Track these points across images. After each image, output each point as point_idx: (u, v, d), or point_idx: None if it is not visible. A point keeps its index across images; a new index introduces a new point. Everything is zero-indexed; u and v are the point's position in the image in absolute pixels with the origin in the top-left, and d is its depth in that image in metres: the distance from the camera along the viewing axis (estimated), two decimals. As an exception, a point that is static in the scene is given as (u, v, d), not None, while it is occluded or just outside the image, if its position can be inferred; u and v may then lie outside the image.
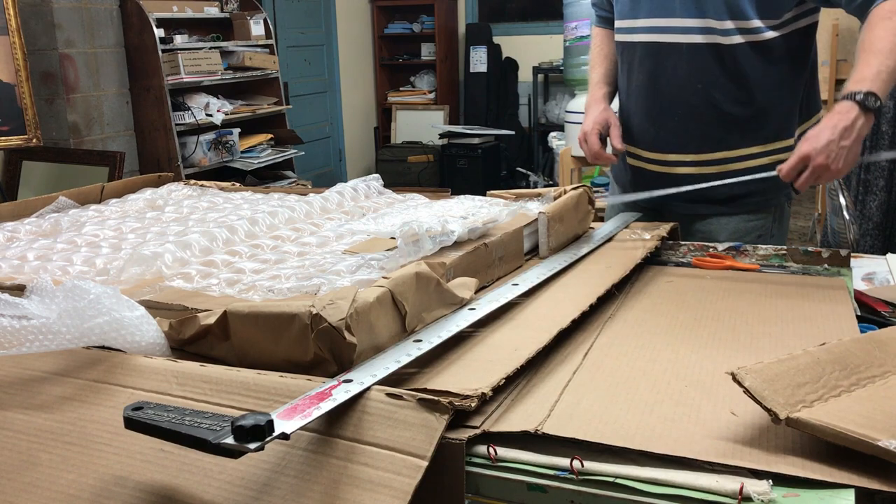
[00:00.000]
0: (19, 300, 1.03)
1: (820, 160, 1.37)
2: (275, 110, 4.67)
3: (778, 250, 1.45)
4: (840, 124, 1.38)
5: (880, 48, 1.41)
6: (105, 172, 3.44)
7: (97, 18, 3.73)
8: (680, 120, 1.73)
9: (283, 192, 1.87)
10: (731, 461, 0.77)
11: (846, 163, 1.38)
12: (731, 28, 1.62)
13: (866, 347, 0.91)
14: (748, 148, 1.71)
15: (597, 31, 1.97)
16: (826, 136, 1.38)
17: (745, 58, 1.64)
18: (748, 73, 1.66)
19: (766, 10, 1.60)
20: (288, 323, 0.91)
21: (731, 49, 1.64)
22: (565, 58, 4.61)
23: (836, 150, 1.38)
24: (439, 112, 6.70)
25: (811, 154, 1.38)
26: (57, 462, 0.87)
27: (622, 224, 1.62)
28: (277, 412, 0.78)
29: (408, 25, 6.82)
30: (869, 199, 3.59)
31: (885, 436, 0.74)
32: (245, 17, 4.52)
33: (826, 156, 1.37)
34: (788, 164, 1.42)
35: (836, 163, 1.38)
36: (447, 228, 1.27)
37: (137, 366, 0.96)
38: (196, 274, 1.24)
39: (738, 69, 1.66)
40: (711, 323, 1.16)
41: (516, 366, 0.93)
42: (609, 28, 1.89)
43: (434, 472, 0.78)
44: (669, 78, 1.71)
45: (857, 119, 1.38)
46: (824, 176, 1.40)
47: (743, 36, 1.62)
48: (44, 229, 1.61)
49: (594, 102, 1.86)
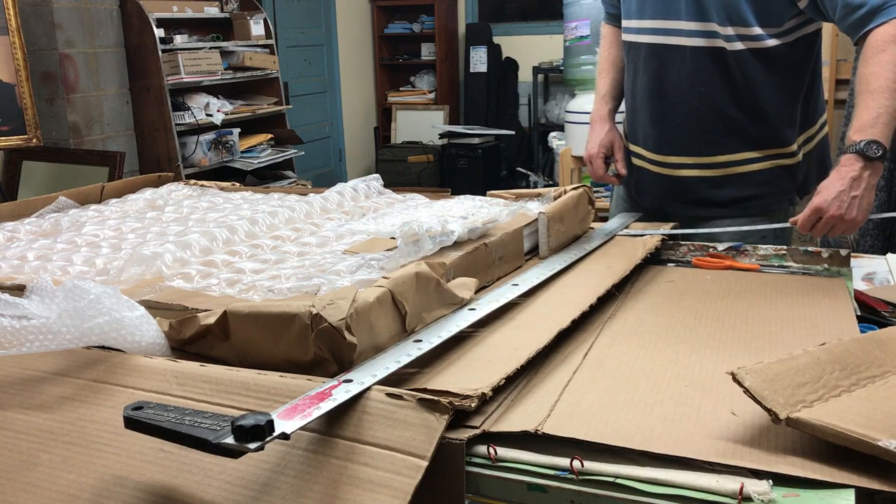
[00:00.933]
0: (19, 300, 1.03)
1: (832, 211, 1.38)
2: (275, 110, 4.67)
3: (778, 250, 1.45)
4: (848, 175, 1.39)
5: (876, 87, 1.41)
6: (105, 172, 3.44)
7: (97, 18, 3.73)
8: (682, 122, 1.73)
9: (283, 192, 1.87)
10: (731, 461, 0.77)
11: (860, 211, 1.39)
12: (732, 34, 1.62)
13: (866, 347, 0.91)
14: (749, 152, 1.72)
15: (606, 32, 1.96)
16: (836, 187, 1.39)
17: (747, 63, 1.65)
18: (750, 78, 1.66)
19: (765, 18, 1.60)
20: (288, 323, 0.91)
21: (734, 54, 1.64)
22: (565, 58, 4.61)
23: (848, 200, 1.38)
24: (439, 112, 6.70)
25: (823, 206, 1.39)
26: (57, 462, 0.87)
27: (622, 224, 1.63)
28: (277, 412, 0.78)
29: (408, 25, 6.82)
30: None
31: (885, 436, 0.74)
32: (245, 17, 4.52)
33: (838, 206, 1.38)
34: (803, 217, 1.42)
35: (849, 213, 1.38)
36: (447, 228, 1.27)
37: (137, 366, 0.96)
38: (196, 274, 1.24)
39: (740, 74, 1.66)
40: (711, 323, 1.16)
41: (516, 366, 0.93)
42: (617, 26, 1.88)
43: (434, 472, 0.78)
44: (673, 80, 1.71)
45: (863, 170, 1.38)
46: (839, 226, 1.40)
47: (744, 42, 1.63)
48: (44, 229, 1.61)
49: (599, 120, 1.85)
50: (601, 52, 1.96)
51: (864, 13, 1.46)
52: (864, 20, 1.46)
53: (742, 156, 1.72)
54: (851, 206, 1.38)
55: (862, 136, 1.39)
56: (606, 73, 1.92)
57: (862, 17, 1.46)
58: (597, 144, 1.81)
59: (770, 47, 1.63)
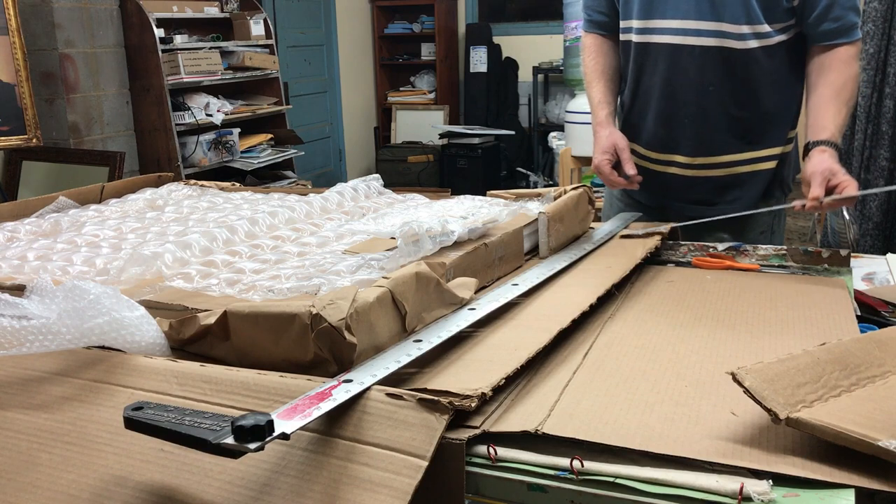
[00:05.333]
0: (19, 300, 1.03)
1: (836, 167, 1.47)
2: (275, 110, 4.67)
3: (778, 250, 1.45)
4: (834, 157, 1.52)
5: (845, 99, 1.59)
6: (105, 172, 3.44)
7: (97, 18, 3.73)
8: (689, 123, 1.74)
9: (283, 192, 1.87)
10: (731, 461, 0.77)
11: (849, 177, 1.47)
12: (747, 32, 1.64)
13: (866, 347, 0.91)
14: (752, 152, 1.74)
15: (589, 42, 1.91)
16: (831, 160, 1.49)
17: (755, 62, 1.67)
18: (757, 78, 1.68)
19: (770, 15, 1.63)
20: (288, 323, 0.91)
21: (743, 54, 1.66)
22: (565, 58, 4.62)
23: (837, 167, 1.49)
24: (439, 112, 6.70)
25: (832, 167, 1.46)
26: (57, 462, 0.87)
27: (622, 224, 1.63)
28: (277, 412, 0.78)
29: (408, 25, 6.82)
30: (869, 199, 3.59)
31: (885, 436, 0.74)
32: (245, 17, 4.52)
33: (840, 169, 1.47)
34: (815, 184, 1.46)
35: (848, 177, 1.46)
36: (447, 228, 1.27)
37: (137, 366, 0.96)
38: (196, 274, 1.24)
39: (747, 74, 1.68)
40: (711, 323, 1.16)
41: (516, 366, 0.93)
42: (603, 33, 1.87)
43: (434, 472, 0.78)
44: (682, 80, 1.72)
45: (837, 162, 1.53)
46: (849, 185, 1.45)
47: (758, 40, 1.65)
48: (44, 229, 1.61)
49: (599, 126, 1.84)
50: (586, 62, 1.92)
51: (839, 26, 1.61)
52: (838, 32, 1.62)
53: (746, 155, 1.74)
54: None
55: (835, 137, 1.55)
56: (597, 82, 1.88)
57: (836, 29, 1.61)
58: (600, 152, 1.79)
59: (776, 44, 1.66)
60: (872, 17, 3.52)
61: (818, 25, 1.61)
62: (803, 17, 1.63)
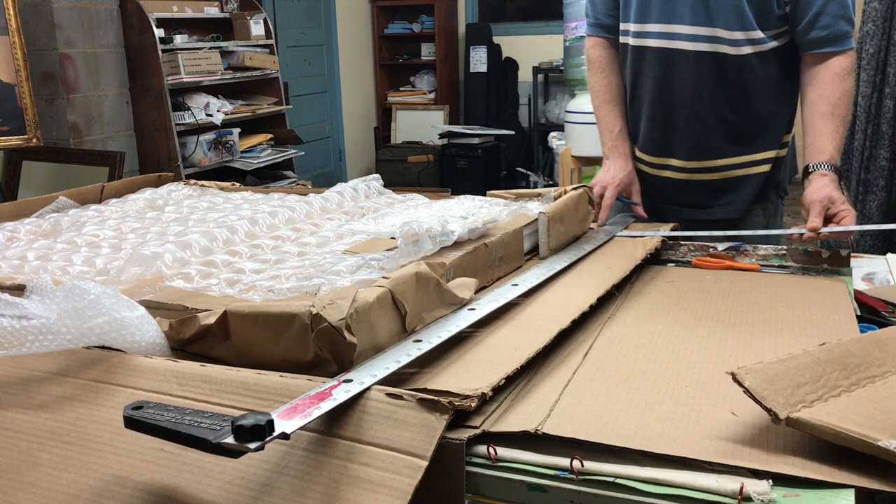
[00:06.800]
0: (19, 300, 1.03)
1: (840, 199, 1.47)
2: (275, 110, 4.67)
3: (778, 250, 1.45)
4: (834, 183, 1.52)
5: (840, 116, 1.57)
6: (105, 172, 3.44)
7: (97, 18, 3.73)
8: (683, 127, 1.74)
9: (283, 192, 1.87)
10: (731, 461, 0.77)
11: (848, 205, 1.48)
12: (741, 38, 1.64)
13: (866, 347, 0.91)
14: (747, 156, 1.74)
15: (597, 55, 1.86)
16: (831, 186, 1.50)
17: (748, 68, 1.67)
18: (751, 83, 1.68)
19: (763, 21, 1.63)
20: (288, 323, 0.91)
21: (737, 59, 1.66)
22: (565, 58, 4.62)
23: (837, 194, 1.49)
24: (439, 112, 6.70)
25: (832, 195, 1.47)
26: (57, 462, 0.87)
27: (622, 224, 1.63)
28: (277, 412, 0.78)
29: (408, 25, 6.82)
30: (869, 199, 3.59)
31: (885, 436, 0.74)
32: (245, 17, 4.52)
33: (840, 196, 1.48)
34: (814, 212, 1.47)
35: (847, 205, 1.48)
36: (447, 228, 1.27)
37: (137, 366, 0.96)
38: (196, 274, 1.24)
39: (741, 79, 1.68)
40: (711, 323, 1.16)
41: (516, 366, 0.93)
42: (609, 37, 1.84)
43: (434, 472, 0.78)
44: (676, 85, 1.72)
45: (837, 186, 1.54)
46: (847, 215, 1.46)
47: (752, 46, 1.65)
48: (44, 229, 1.61)
49: (620, 157, 1.80)
50: (596, 78, 1.86)
51: (828, 34, 1.59)
52: (828, 40, 1.59)
53: (740, 159, 1.74)
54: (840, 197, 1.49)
55: (834, 159, 1.55)
56: (612, 106, 1.84)
57: (825, 37, 1.59)
58: (616, 178, 1.75)
59: (769, 49, 1.66)
60: (872, 17, 3.52)
61: (807, 33, 1.60)
62: (794, 25, 1.63)
